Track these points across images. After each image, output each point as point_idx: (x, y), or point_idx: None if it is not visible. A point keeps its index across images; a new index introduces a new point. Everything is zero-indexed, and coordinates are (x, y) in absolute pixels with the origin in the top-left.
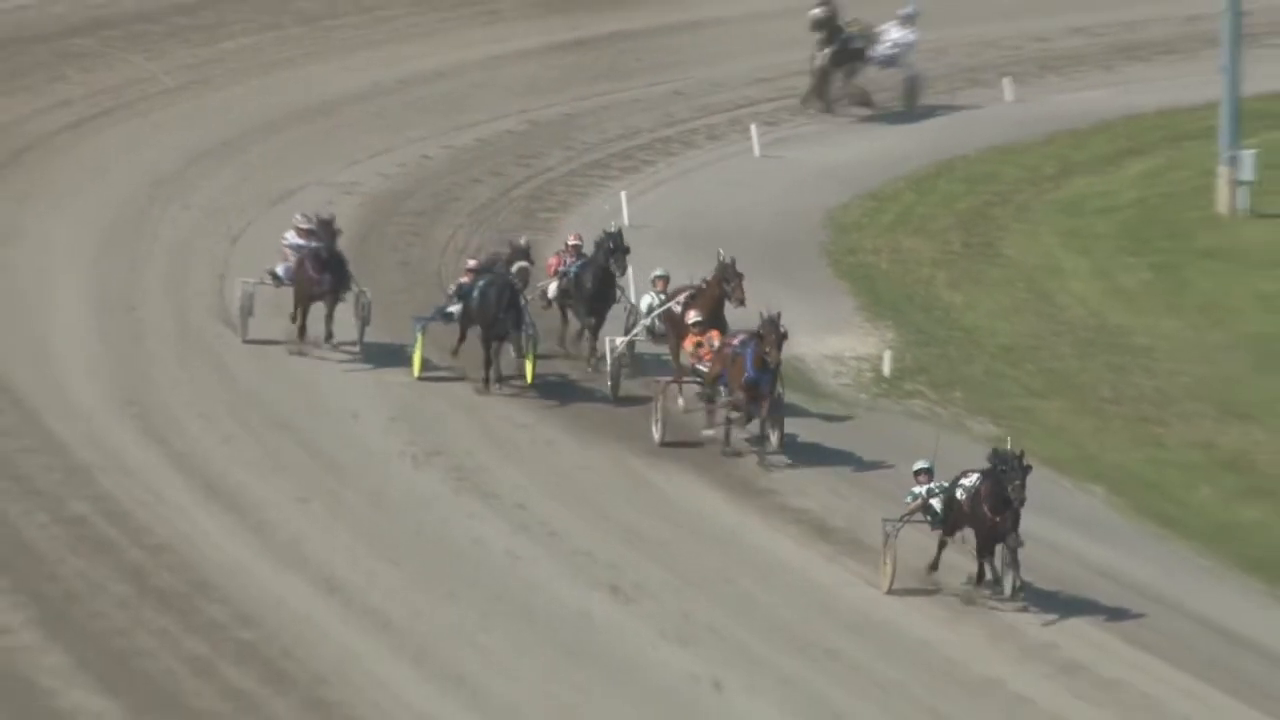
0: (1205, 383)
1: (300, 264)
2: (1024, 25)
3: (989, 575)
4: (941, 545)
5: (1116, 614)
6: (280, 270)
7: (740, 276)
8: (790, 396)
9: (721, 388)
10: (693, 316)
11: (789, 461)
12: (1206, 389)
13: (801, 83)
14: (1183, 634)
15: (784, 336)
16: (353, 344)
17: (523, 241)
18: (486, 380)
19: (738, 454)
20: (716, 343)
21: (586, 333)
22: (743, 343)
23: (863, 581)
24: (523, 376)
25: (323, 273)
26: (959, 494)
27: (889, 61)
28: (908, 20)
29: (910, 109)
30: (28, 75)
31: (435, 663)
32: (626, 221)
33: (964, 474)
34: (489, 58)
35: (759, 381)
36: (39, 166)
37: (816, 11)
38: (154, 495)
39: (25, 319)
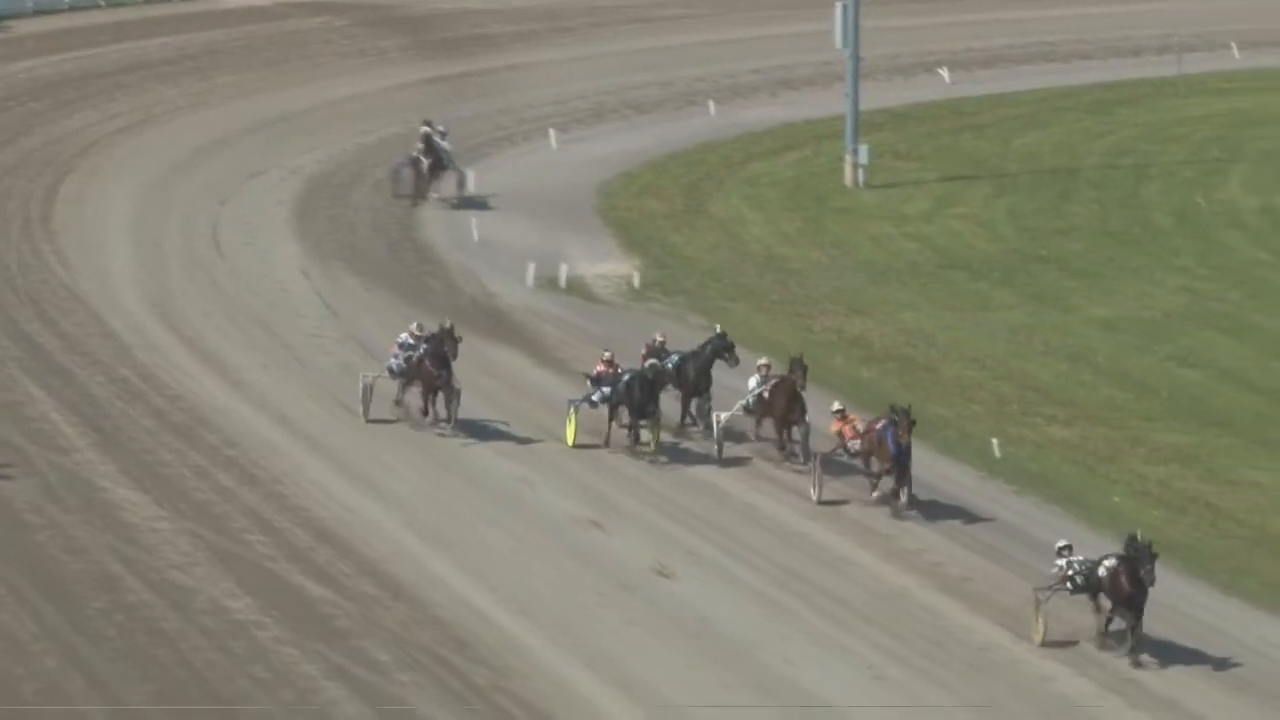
0: (837, 291)
1: (421, 362)
2: (719, 68)
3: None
4: (1100, 617)
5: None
6: (394, 365)
7: (805, 369)
8: (572, 302)
9: (858, 458)
10: (836, 406)
11: (917, 516)
12: (838, 295)
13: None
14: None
15: (913, 423)
16: (446, 421)
17: (657, 340)
18: (637, 442)
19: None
20: (860, 425)
21: (690, 405)
22: (883, 427)
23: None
24: (647, 443)
25: (440, 369)
26: (1101, 572)
27: (450, 165)
28: (444, 135)
29: (461, 195)
30: (93, 98)
31: (355, 472)
32: (473, 189)
33: (1105, 557)
34: (384, 88)
35: (899, 457)
36: (100, 155)
37: (425, 129)
38: (171, 364)
39: (91, 251)
